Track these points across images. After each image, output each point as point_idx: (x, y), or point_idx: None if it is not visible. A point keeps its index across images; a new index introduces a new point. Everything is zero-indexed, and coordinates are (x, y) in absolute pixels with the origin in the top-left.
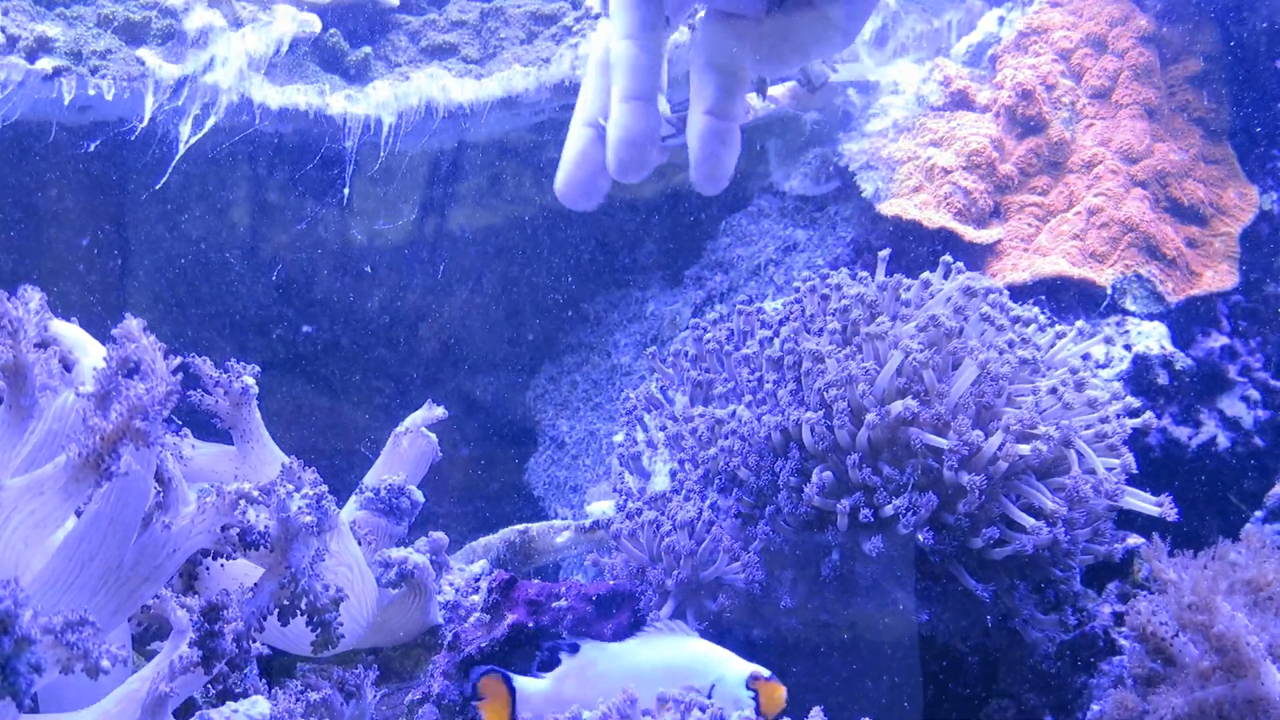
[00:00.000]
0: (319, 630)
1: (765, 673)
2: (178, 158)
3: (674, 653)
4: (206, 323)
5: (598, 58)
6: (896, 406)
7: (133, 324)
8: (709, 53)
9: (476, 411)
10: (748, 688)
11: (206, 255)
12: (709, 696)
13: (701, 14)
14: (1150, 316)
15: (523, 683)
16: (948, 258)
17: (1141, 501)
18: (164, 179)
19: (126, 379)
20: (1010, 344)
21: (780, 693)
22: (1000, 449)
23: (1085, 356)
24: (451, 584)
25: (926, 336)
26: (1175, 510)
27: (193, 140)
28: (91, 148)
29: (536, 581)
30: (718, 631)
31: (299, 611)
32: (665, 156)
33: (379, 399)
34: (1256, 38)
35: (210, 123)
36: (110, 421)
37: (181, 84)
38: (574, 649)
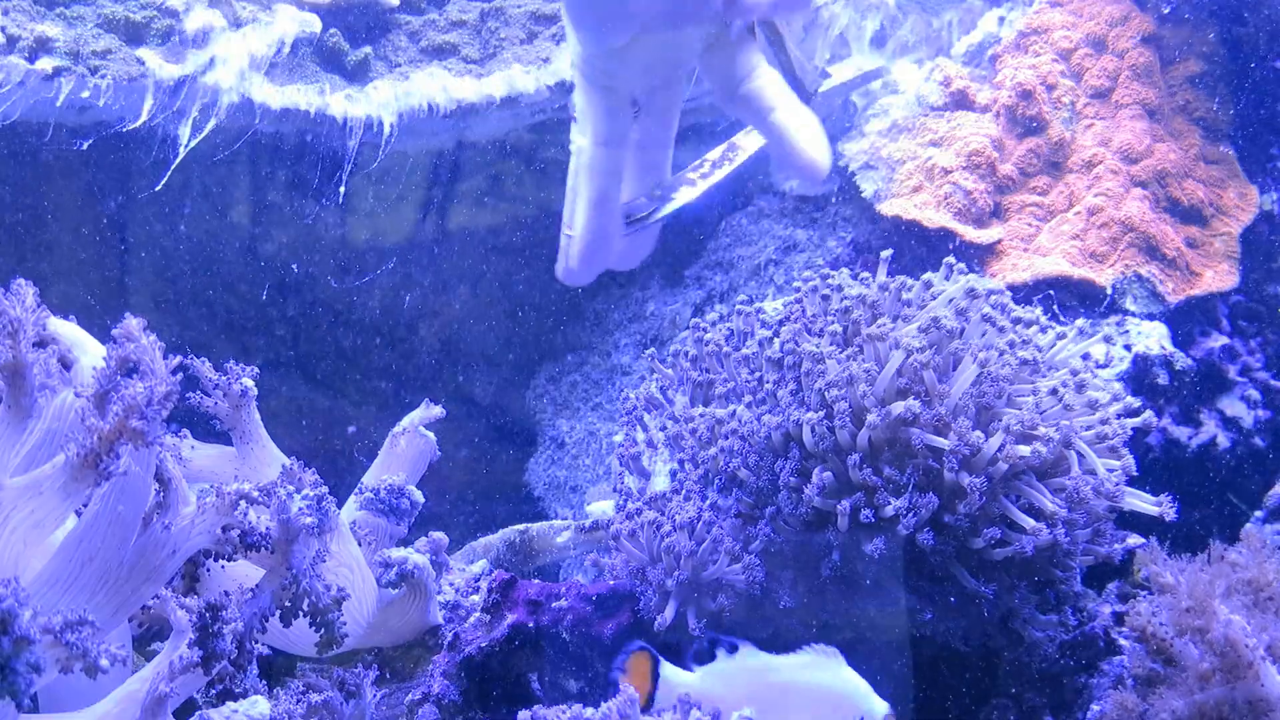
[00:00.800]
0: (323, 630)
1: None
2: (179, 160)
3: (827, 678)
4: (206, 322)
5: (574, 166)
6: (898, 407)
7: (133, 323)
8: (736, 79)
9: (476, 411)
10: None
11: (207, 255)
12: None
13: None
14: (1150, 316)
15: (669, 669)
16: (950, 259)
17: (1141, 502)
18: (163, 180)
19: (125, 379)
20: (1011, 344)
21: None
22: (1000, 450)
23: (1085, 357)
24: (451, 584)
25: (928, 338)
26: (1174, 510)
27: (194, 142)
28: (85, 145)
29: (536, 581)
30: (718, 632)
31: (301, 612)
32: (656, 235)
33: (379, 399)
34: (1256, 38)
35: (211, 124)
36: (108, 421)
37: (181, 84)
38: (733, 649)
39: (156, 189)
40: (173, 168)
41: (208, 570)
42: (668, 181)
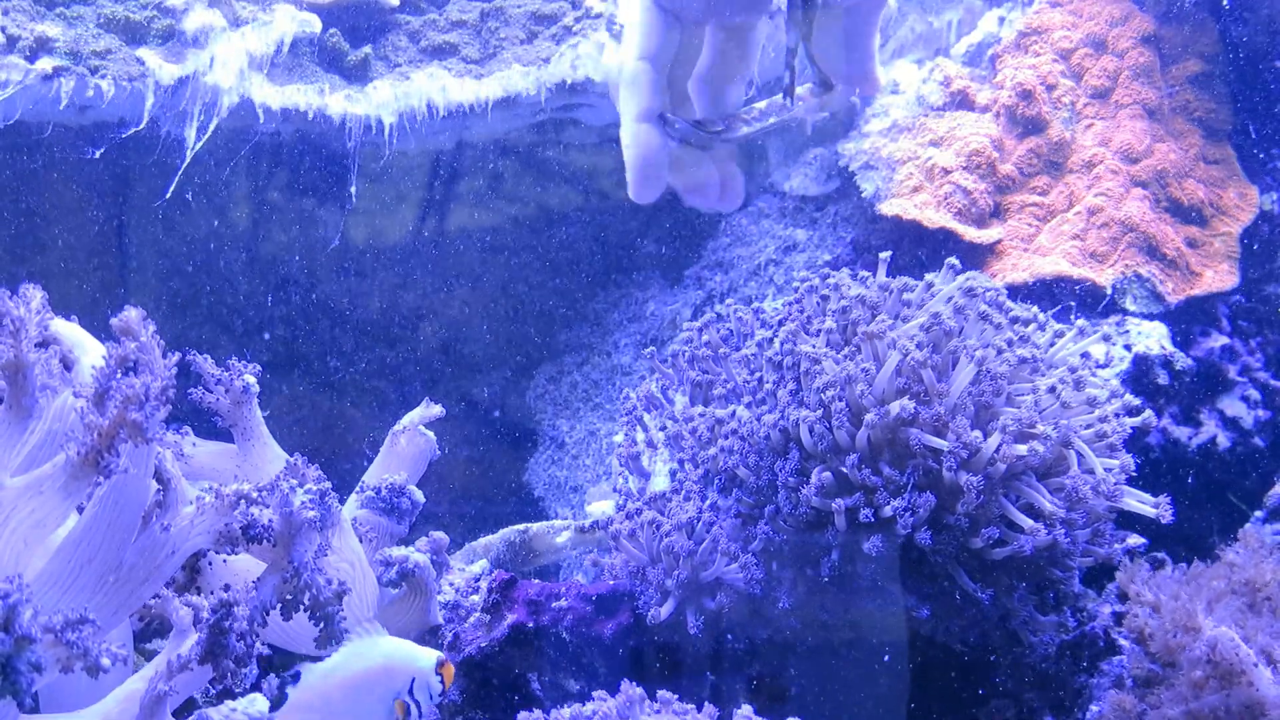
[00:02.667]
0: (323, 624)
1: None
2: (185, 165)
3: (365, 660)
4: (207, 322)
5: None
6: (895, 407)
7: (133, 315)
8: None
9: (476, 411)
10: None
11: (207, 255)
12: (411, 693)
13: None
14: (1150, 316)
15: None
16: (954, 261)
17: (1139, 503)
18: (171, 188)
19: (124, 375)
20: (1009, 342)
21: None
22: (998, 450)
23: (1085, 355)
24: (451, 584)
25: (927, 336)
26: (1171, 512)
27: (199, 145)
28: (97, 154)
29: (536, 581)
30: (717, 632)
31: (302, 606)
32: (740, 187)
33: (379, 399)
34: (1256, 38)
35: (213, 125)
36: (106, 417)
37: (181, 84)
38: (296, 678)
39: (167, 196)
40: (180, 171)
41: (209, 564)
42: (726, 116)
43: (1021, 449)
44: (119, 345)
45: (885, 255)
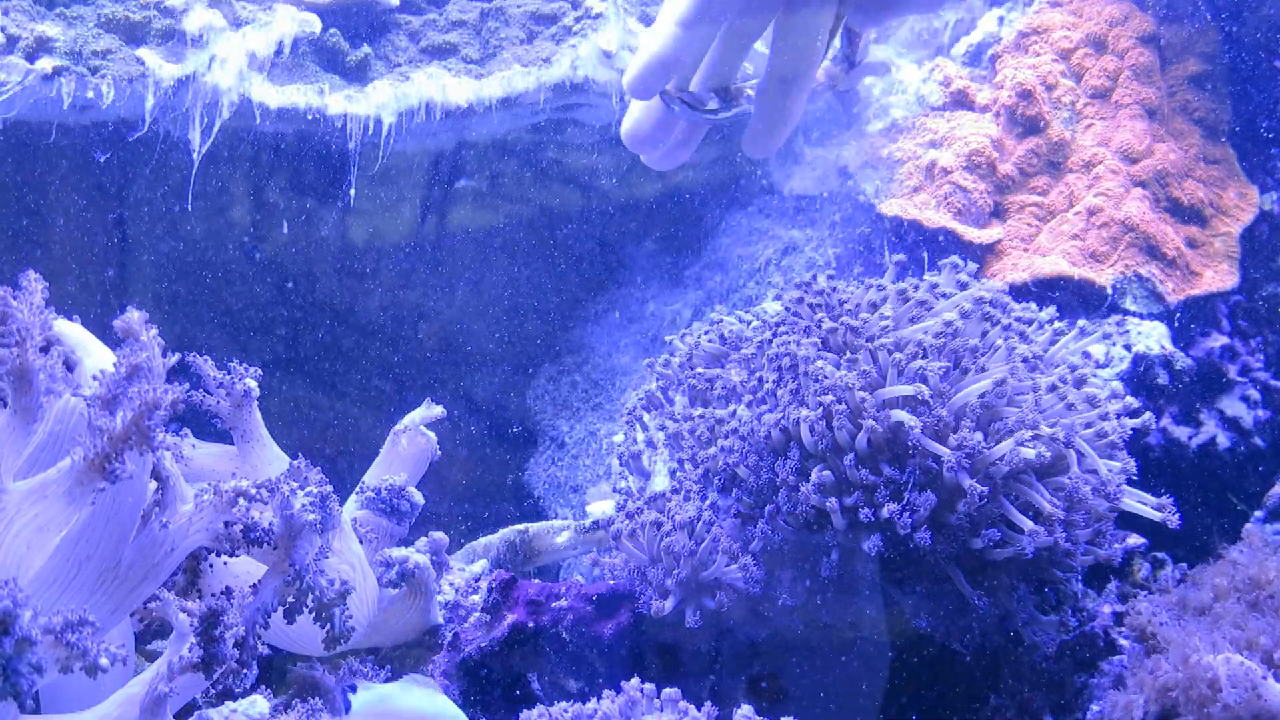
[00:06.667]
0: (328, 625)
1: None
2: (195, 169)
3: (425, 703)
4: (207, 322)
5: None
6: (896, 414)
7: (134, 316)
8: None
9: (476, 411)
10: None
11: (207, 255)
12: None
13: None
14: (1150, 316)
15: None
16: (956, 260)
17: (1142, 505)
18: (189, 199)
19: (134, 382)
20: (1009, 340)
21: None
22: (1001, 458)
23: (1085, 355)
24: (451, 584)
25: (929, 340)
26: (1177, 516)
27: (204, 147)
28: (103, 159)
29: (536, 581)
30: (717, 631)
31: (305, 608)
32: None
33: (379, 399)
34: (1256, 38)
35: (216, 127)
36: (120, 423)
37: (181, 84)
38: (353, 689)
39: (189, 207)
40: (193, 177)
41: (210, 566)
42: (734, 86)
43: (1028, 452)
44: (132, 352)
45: (899, 258)
